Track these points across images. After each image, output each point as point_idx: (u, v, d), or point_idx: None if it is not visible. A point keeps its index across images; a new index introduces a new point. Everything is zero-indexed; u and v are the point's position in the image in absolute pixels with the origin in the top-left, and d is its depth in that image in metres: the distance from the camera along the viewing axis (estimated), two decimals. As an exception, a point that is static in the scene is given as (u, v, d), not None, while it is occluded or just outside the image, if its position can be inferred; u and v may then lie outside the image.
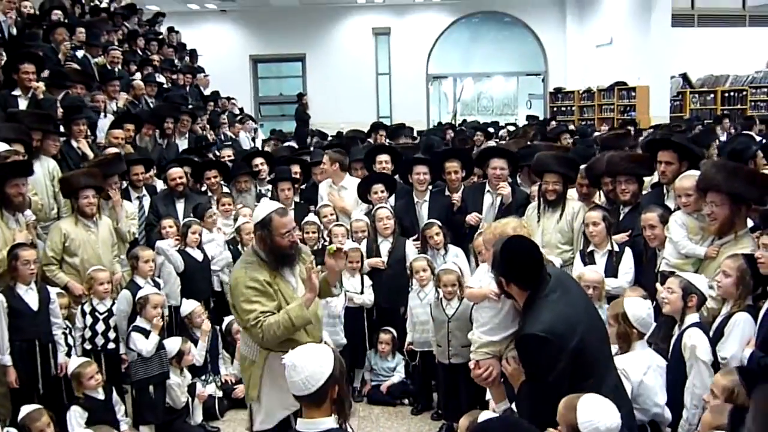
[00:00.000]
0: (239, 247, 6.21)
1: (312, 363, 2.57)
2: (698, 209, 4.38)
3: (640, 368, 3.55)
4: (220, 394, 5.69)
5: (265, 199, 4.08)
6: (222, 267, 6.26)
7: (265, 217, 3.81)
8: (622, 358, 3.57)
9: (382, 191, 6.35)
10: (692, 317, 3.75)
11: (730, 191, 4.13)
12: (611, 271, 4.91)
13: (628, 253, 4.95)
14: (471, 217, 6.11)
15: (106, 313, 5.33)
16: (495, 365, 3.31)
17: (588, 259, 5.06)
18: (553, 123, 13.12)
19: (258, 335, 3.71)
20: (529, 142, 8.33)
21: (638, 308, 3.68)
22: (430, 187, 6.52)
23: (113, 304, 5.38)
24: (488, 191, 6.20)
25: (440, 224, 5.88)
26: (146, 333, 5.10)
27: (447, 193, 6.54)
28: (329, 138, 11.41)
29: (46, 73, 7.40)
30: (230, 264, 6.05)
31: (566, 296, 2.98)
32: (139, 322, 5.16)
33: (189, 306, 5.78)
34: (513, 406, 3.30)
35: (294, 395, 2.62)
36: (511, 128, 13.77)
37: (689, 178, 4.47)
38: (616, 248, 5.00)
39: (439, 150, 7.66)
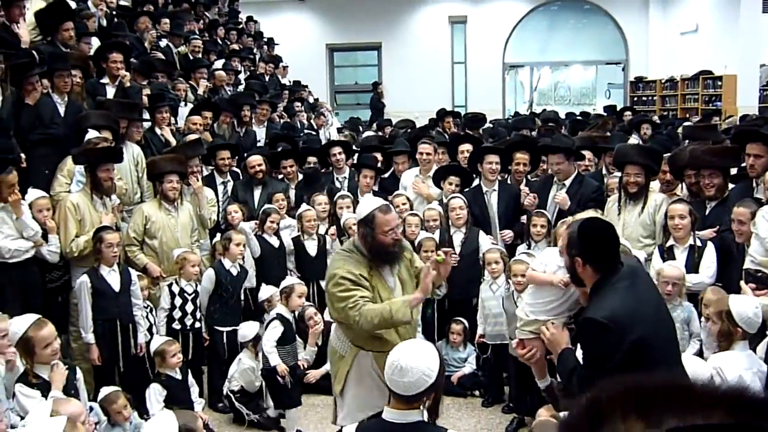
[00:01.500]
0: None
1: (419, 369, 2.52)
2: (791, 205, 4.17)
3: (737, 368, 3.36)
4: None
5: (368, 195, 4.02)
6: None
7: (368, 214, 3.71)
8: (719, 355, 3.39)
9: (457, 185, 6.31)
10: None
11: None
12: (692, 267, 4.72)
13: (710, 248, 4.75)
14: (528, 198, 6.01)
15: (193, 294, 5.52)
16: (539, 346, 3.26)
17: (667, 254, 4.86)
18: (628, 113, 12.60)
19: (354, 318, 3.57)
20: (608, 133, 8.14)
21: (744, 306, 3.49)
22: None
23: (197, 285, 5.57)
24: (554, 183, 6.09)
25: (549, 218, 5.75)
26: (286, 322, 5.22)
27: (508, 183, 6.46)
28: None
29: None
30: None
31: (634, 288, 2.87)
32: (281, 310, 5.32)
33: (267, 291, 5.84)
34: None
35: (389, 389, 2.59)
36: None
37: (783, 171, 4.25)
38: (699, 243, 4.79)
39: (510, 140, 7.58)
